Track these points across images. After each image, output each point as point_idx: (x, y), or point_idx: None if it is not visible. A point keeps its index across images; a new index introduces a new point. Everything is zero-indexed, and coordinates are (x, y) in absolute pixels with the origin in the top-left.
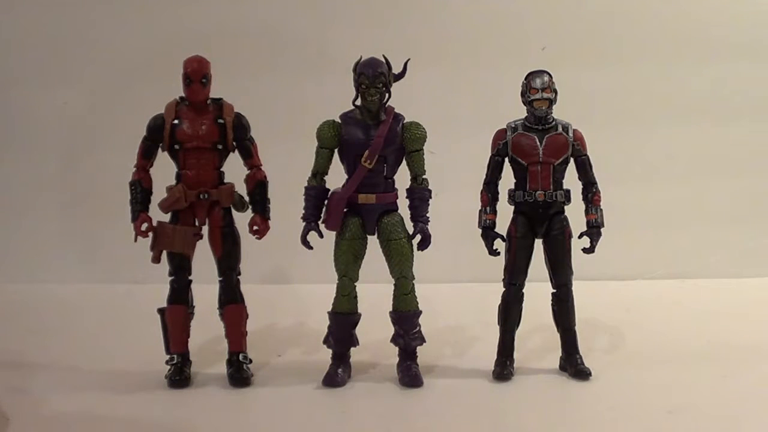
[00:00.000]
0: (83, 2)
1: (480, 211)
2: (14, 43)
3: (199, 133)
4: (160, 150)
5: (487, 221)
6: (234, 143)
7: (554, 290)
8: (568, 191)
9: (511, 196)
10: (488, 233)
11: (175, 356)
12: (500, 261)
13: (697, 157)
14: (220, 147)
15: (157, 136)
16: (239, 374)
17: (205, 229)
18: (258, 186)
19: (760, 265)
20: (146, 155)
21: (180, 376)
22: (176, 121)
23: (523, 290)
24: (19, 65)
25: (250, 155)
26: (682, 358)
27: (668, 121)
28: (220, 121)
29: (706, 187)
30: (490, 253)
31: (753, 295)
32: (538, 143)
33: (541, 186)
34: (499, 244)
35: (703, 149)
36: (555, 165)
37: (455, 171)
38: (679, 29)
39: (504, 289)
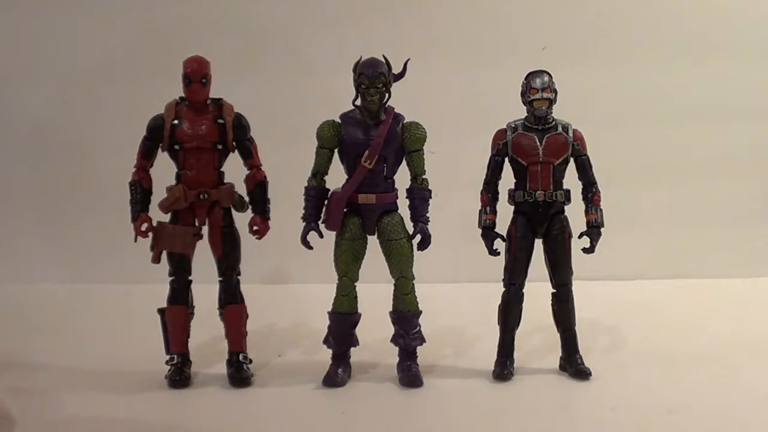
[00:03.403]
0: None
1: (480, 211)
2: (12, 44)
3: (198, 133)
4: (159, 150)
5: (487, 221)
6: (234, 143)
7: (554, 290)
8: (568, 191)
9: (511, 196)
10: (488, 233)
11: (175, 356)
12: (500, 261)
13: (697, 156)
14: (219, 147)
15: (158, 135)
16: (239, 374)
17: (205, 229)
18: (258, 186)
19: (759, 265)
20: (146, 155)
21: (180, 376)
22: (176, 121)
23: (523, 290)
24: (17, 65)
25: (249, 155)
26: (682, 358)
27: (668, 121)
28: (220, 121)
29: (706, 187)
30: (490, 253)
31: (752, 295)
32: (538, 143)
33: (541, 186)
34: (499, 244)
35: (704, 149)
36: (555, 165)
37: (455, 171)
38: (679, 29)
39: (504, 289)
